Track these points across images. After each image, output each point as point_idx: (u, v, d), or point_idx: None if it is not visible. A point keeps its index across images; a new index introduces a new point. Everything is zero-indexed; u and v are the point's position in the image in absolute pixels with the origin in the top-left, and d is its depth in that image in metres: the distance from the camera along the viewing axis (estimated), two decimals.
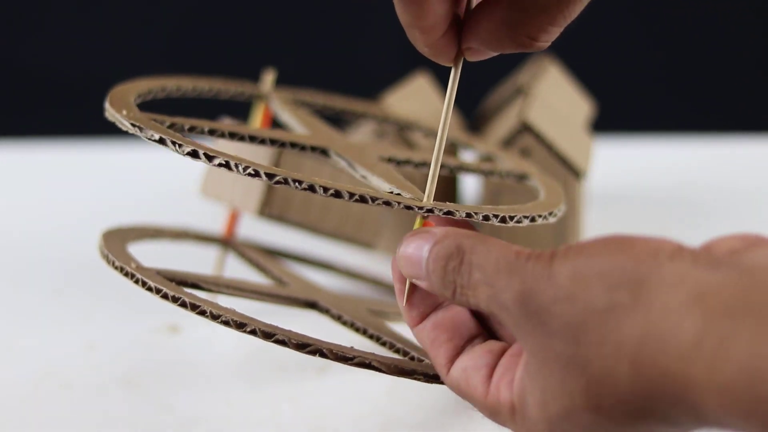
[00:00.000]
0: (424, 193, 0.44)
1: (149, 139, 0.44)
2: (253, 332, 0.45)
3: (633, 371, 0.35)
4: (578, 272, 0.37)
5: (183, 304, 0.46)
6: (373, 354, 0.45)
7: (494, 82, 0.87)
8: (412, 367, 0.45)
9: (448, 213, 0.43)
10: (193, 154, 0.43)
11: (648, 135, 0.94)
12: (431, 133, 0.68)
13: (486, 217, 0.43)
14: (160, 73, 0.62)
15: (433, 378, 0.45)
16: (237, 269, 0.66)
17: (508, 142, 0.69)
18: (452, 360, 0.43)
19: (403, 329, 0.57)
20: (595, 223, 0.78)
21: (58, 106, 1.50)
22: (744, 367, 0.32)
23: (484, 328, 0.44)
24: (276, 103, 0.63)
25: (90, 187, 0.85)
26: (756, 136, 0.95)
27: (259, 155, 0.62)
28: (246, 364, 0.59)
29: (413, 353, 0.50)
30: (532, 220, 0.45)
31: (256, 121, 0.65)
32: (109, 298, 0.67)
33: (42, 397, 0.56)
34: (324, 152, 0.53)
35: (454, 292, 0.40)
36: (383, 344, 0.52)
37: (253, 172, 0.42)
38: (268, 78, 0.65)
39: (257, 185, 0.62)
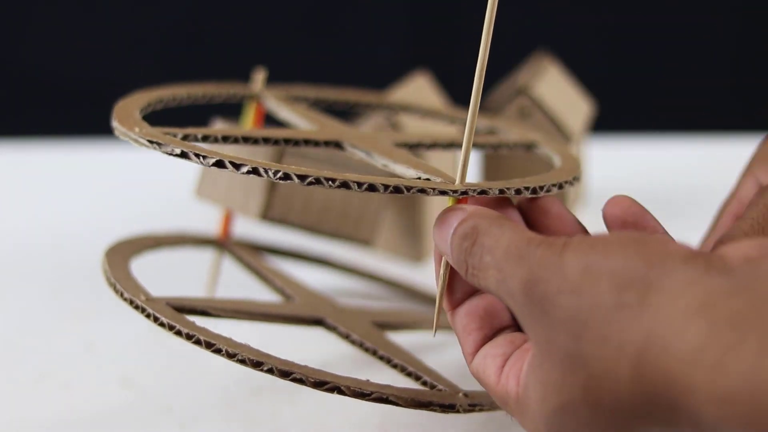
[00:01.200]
0: (450, 174, 0.45)
1: (170, 153, 0.44)
2: (270, 371, 0.46)
3: (634, 372, 0.35)
4: (589, 267, 0.36)
5: (197, 342, 0.47)
6: (389, 387, 0.46)
7: (494, 82, 0.87)
8: (428, 398, 0.46)
9: (483, 192, 0.43)
10: (219, 164, 0.43)
11: (647, 135, 0.94)
12: (428, 114, 0.68)
13: (518, 191, 0.44)
14: (160, 71, 0.62)
15: (448, 408, 0.46)
16: (237, 272, 0.66)
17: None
18: (478, 349, 0.43)
19: (404, 339, 0.57)
20: (594, 223, 0.78)
21: (55, 107, 1.50)
22: (746, 379, 0.32)
23: (515, 319, 0.44)
24: (271, 101, 0.63)
25: (88, 187, 0.85)
26: (755, 137, 0.95)
27: (258, 158, 0.62)
28: None
29: (425, 377, 0.50)
30: (560, 187, 0.46)
31: (248, 121, 0.65)
32: (108, 297, 0.67)
33: (41, 396, 0.56)
34: (338, 145, 0.53)
35: (467, 272, 0.41)
36: (394, 366, 0.52)
37: (283, 176, 0.42)
38: (259, 77, 0.65)
39: (258, 189, 0.61)
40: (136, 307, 0.49)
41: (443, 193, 0.43)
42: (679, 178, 0.86)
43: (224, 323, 0.52)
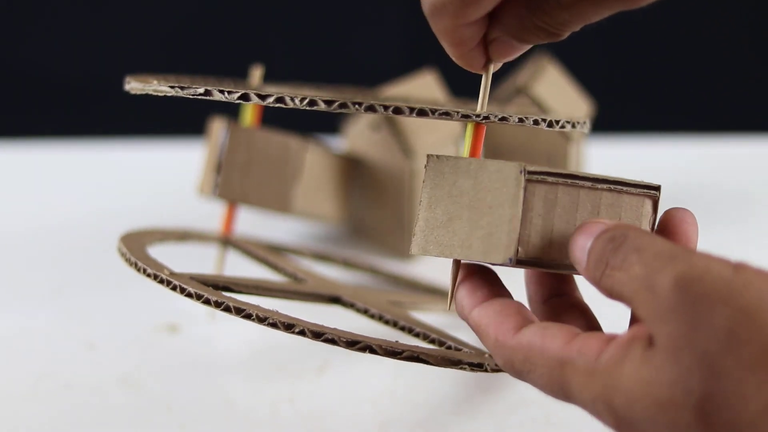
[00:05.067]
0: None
1: (193, 95, 0.44)
2: (301, 332, 0.45)
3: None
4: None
5: (227, 309, 0.46)
6: (418, 347, 0.46)
7: (494, 82, 0.88)
8: (458, 357, 0.46)
9: (503, 119, 0.44)
10: (244, 97, 0.42)
11: (646, 135, 0.94)
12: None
13: (536, 121, 0.45)
14: (161, 71, 0.62)
15: (477, 366, 0.46)
16: (241, 267, 0.66)
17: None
18: (520, 327, 0.42)
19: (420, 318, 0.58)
20: None
21: (54, 107, 1.50)
22: None
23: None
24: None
25: (88, 187, 0.86)
26: (753, 136, 0.95)
27: None
28: (245, 364, 0.60)
29: (449, 342, 0.51)
30: (573, 125, 0.48)
31: (247, 117, 0.66)
32: (108, 297, 0.67)
33: (42, 396, 0.56)
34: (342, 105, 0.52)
35: (603, 272, 0.40)
36: (416, 335, 0.52)
37: (309, 103, 0.41)
38: (256, 73, 0.66)
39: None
40: (161, 281, 0.48)
41: (466, 117, 0.44)
42: (679, 177, 0.86)
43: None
